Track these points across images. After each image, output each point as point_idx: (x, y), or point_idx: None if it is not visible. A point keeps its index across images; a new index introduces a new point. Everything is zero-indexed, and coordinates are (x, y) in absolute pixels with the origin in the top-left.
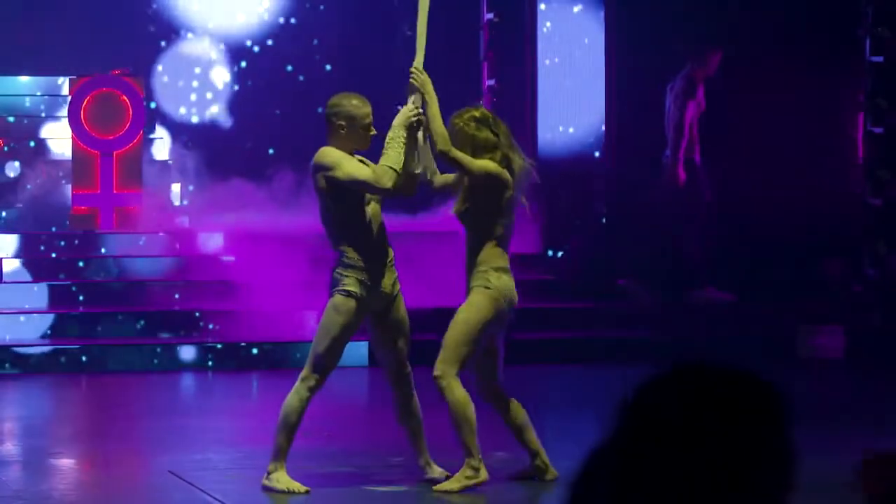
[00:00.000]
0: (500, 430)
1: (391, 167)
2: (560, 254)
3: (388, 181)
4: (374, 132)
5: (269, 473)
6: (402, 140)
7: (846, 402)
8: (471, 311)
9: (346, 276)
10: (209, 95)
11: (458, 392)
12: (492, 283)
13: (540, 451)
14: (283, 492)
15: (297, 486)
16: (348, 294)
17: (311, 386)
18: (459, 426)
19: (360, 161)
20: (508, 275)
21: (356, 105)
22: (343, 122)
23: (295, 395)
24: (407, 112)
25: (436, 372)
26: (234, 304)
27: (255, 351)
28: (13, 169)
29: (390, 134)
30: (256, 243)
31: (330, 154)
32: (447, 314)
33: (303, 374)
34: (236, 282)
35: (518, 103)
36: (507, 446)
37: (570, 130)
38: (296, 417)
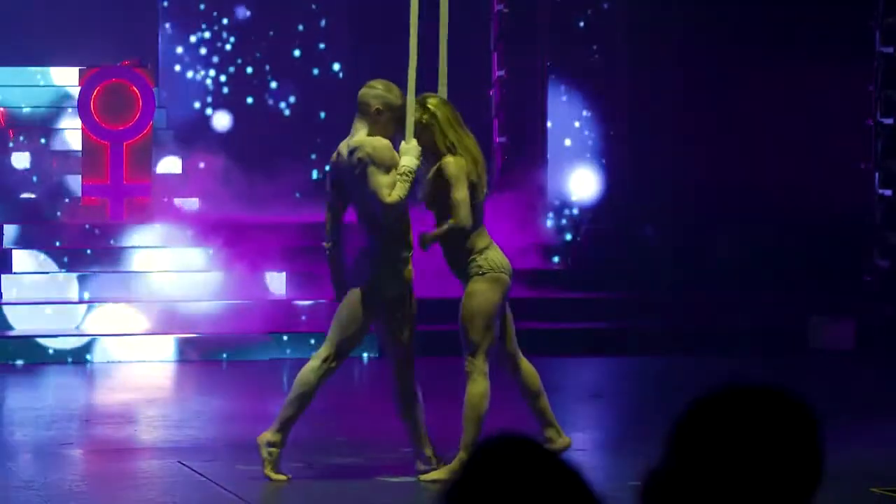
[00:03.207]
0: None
1: (402, 198)
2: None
3: (392, 212)
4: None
5: None
6: (412, 177)
7: (857, 393)
8: (478, 301)
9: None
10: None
11: (480, 387)
12: (484, 267)
13: (552, 420)
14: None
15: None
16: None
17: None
18: (468, 420)
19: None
20: (494, 249)
21: (395, 94)
22: (381, 107)
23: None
24: (416, 151)
25: (467, 367)
26: None
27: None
28: (24, 159)
29: (402, 169)
30: None
31: (383, 154)
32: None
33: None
34: None
35: (528, 94)
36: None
37: (576, 125)
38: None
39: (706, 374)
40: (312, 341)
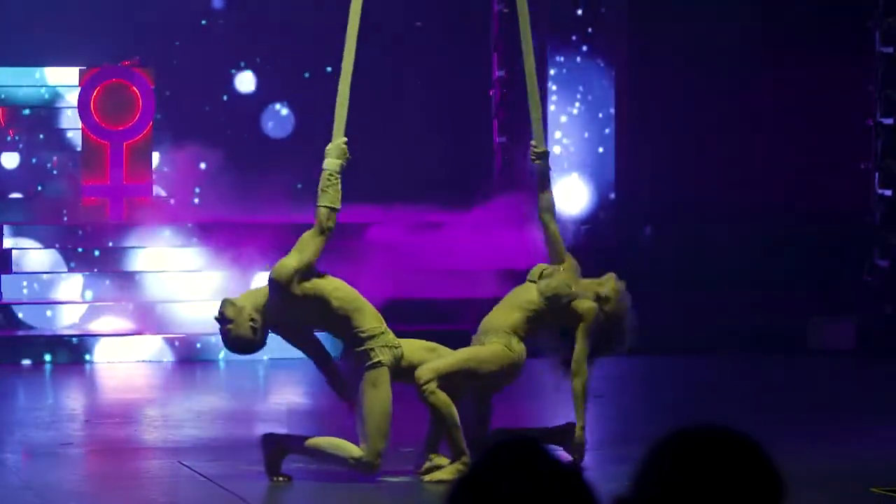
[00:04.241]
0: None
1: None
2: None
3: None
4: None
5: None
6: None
7: (857, 394)
8: (484, 353)
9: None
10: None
11: (442, 395)
12: (514, 348)
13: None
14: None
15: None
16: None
17: None
18: (448, 427)
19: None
20: (523, 344)
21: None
22: None
23: None
24: (339, 151)
25: (420, 376)
26: None
27: None
28: (24, 160)
29: (325, 173)
30: None
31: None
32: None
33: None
34: None
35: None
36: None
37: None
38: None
39: (706, 374)
40: None
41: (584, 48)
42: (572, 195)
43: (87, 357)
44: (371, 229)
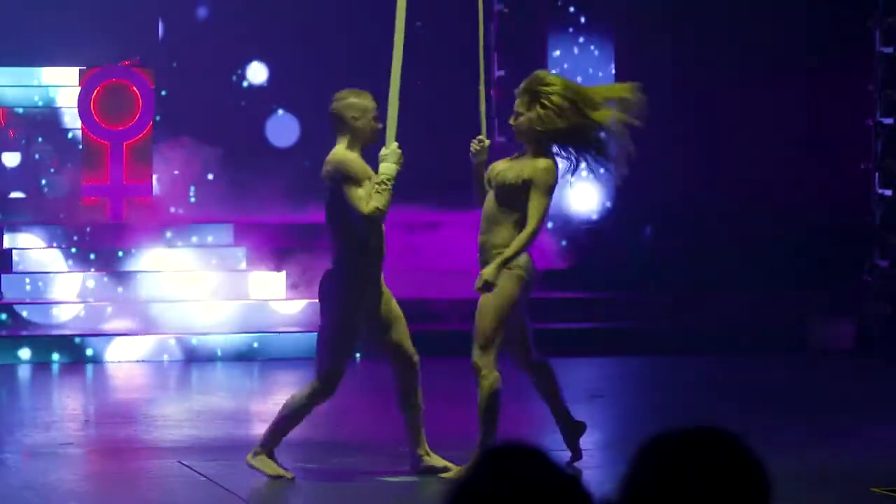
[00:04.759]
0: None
1: (380, 209)
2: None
3: (369, 223)
4: (379, 125)
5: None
6: (391, 184)
7: (857, 393)
8: (499, 297)
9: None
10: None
11: (492, 382)
12: (513, 263)
13: (566, 417)
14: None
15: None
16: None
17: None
18: (484, 416)
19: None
20: (527, 257)
21: (367, 98)
22: (356, 115)
23: None
24: (396, 156)
25: (475, 360)
26: None
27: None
28: (24, 160)
29: (380, 177)
30: None
31: (351, 166)
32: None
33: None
34: None
35: None
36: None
37: None
38: None
39: (706, 374)
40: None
41: (581, 38)
42: (574, 196)
43: (88, 356)
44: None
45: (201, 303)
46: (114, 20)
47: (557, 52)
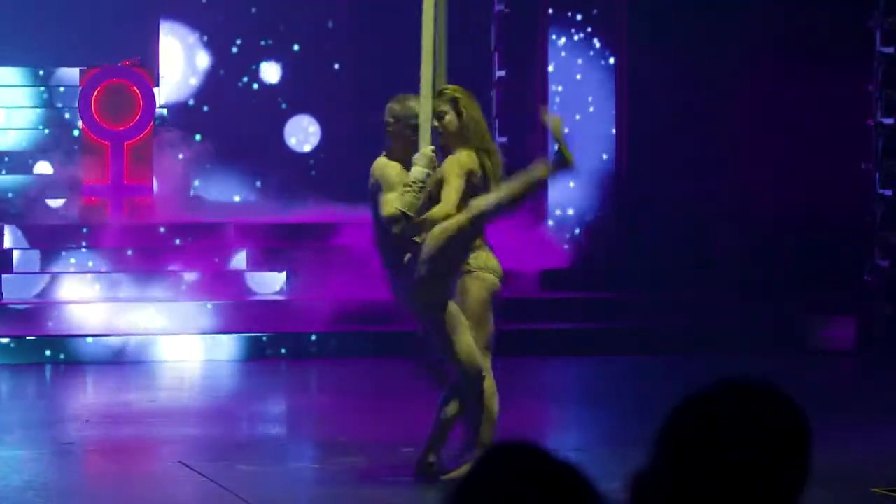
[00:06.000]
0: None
1: (400, 210)
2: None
3: (391, 224)
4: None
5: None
6: (418, 186)
7: (857, 393)
8: (468, 299)
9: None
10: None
11: (486, 383)
12: (472, 265)
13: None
14: None
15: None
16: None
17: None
18: (483, 418)
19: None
20: (484, 250)
21: (406, 105)
22: (391, 120)
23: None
24: (426, 160)
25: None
26: None
27: None
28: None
29: (408, 178)
30: None
31: (387, 173)
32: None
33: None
34: None
35: (529, 94)
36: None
37: (578, 118)
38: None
39: (706, 374)
40: (313, 338)
41: (581, 35)
42: (573, 197)
43: (88, 357)
44: (370, 229)
45: (201, 303)
46: (113, 20)
47: (557, 53)
